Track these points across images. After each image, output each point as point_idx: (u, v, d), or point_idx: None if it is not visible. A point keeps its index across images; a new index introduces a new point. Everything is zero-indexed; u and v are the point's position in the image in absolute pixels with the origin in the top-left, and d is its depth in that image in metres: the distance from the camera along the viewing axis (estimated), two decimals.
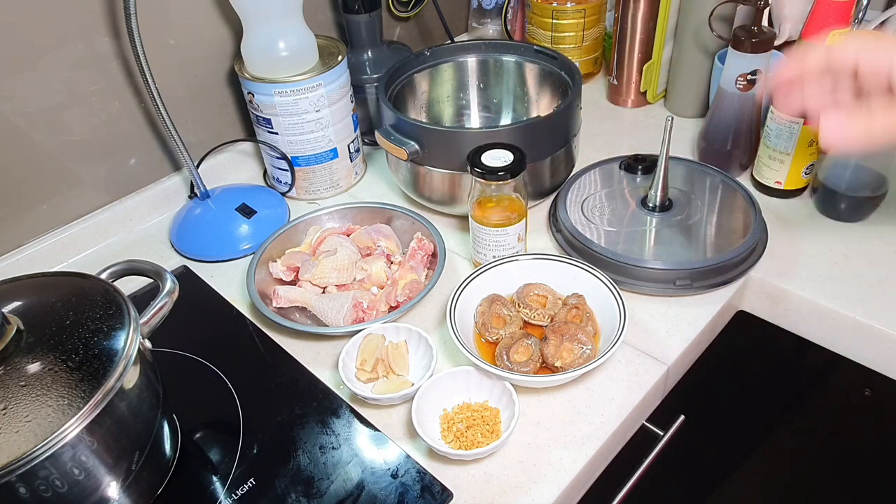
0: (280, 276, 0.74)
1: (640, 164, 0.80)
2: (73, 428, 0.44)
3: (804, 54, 0.50)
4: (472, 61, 0.91)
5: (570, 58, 0.84)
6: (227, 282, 0.78)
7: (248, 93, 0.82)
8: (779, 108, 0.55)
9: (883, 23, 0.93)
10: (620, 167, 0.82)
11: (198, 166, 0.86)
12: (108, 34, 0.77)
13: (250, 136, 0.95)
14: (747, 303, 0.75)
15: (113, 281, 0.56)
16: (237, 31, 0.88)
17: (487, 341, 0.65)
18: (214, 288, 0.77)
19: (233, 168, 0.94)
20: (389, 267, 0.75)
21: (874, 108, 0.47)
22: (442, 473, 0.56)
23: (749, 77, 0.78)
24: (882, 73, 0.46)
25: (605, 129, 0.99)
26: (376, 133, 0.78)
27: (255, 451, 0.59)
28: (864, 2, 0.92)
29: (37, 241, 0.80)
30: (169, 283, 0.57)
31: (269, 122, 0.83)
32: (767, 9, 0.81)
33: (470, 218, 0.71)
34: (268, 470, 0.58)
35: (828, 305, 0.68)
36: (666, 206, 0.75)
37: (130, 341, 0.49)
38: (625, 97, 1.03)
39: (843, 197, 0.76)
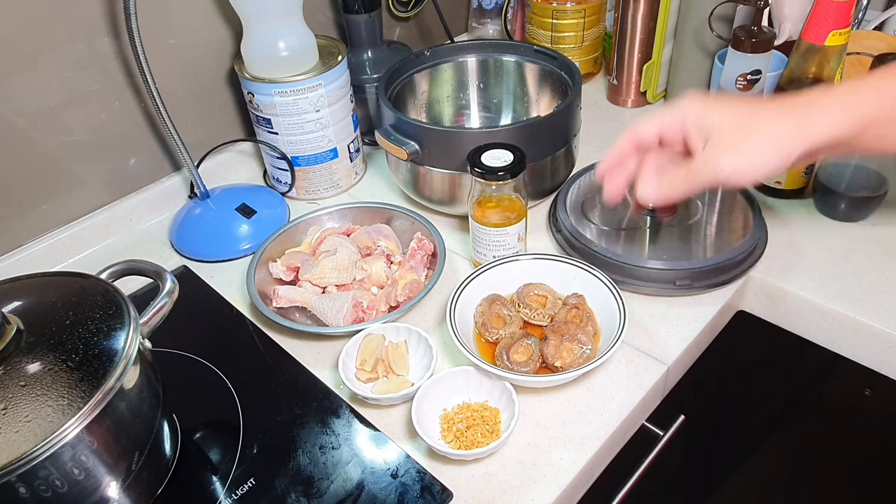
0: (280, 276, 0.74)
1: None
2: (73, 428, 0.44)
3: (618, 142, 0.57)
4: (472, 61, 0.90)
5: (570, 58, 0.84)
6: (227, 282, 0.78)
7: (248, 93, 0.82)
8: (609, 197, 0.59)
9: (883, 23, 0.93)
10: None
11: (198, 166, 0.86)
12: (108, 34, 0.77)
13: (250, 136, 0.95)
14: (747, 303, 0.75)
15: (113, 281, 0.56)
16: (237, 31, 0.88)
17: (487, 341, 0.65)
18: (214, 288, 0.77)
19: (233, 168, 0.94)
20: (389, 267, 0.75)
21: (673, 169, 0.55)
22: (442, 473, 0.56)
23: (749, 77, 0.78)
24: (678, 139, 0.54)
25: (605, 129, 0.99)
26: (376, 133, 0.78)
27: (255, 451, 0.59)
28: (864, 2, 0.92)
29: (37, 241, 0.80)
30: (169, 283, 0.57)
31: (269, 122, 0.83)
32: (767, 9, 0.81)
33: (470, 218, 0.71)
34: (268, 470, 0.58)
35: (828, 305, 0.68)
36: (666, 207, 0.75)
37: (130, 341, 0.49)
38: (625, 97, 1.03)
39: (842, 197, 0.76)
